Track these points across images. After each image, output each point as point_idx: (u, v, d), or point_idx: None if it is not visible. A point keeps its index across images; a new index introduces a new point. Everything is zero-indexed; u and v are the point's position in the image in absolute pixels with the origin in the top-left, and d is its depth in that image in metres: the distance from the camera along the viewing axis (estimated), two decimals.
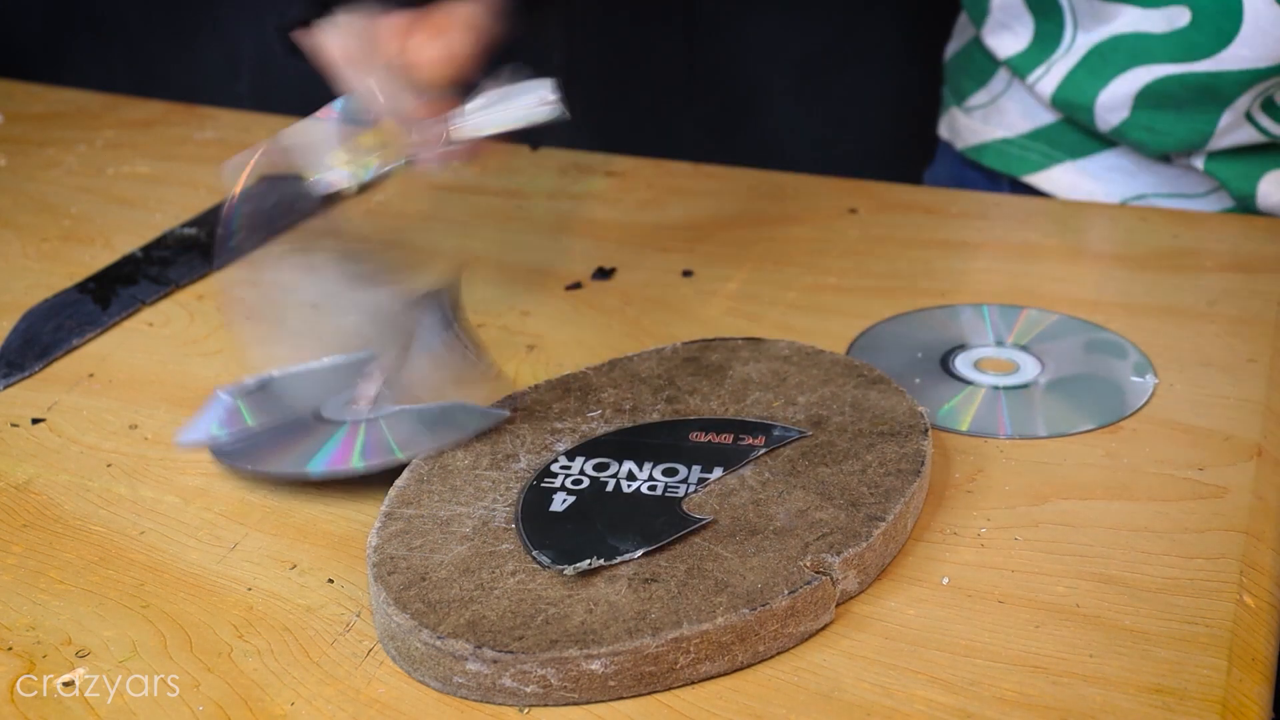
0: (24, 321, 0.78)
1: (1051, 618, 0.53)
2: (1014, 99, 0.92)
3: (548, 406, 0.64)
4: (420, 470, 0.60)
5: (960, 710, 0.49)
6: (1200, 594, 0.53)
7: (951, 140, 0.99)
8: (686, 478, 0.58)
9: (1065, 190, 0.91)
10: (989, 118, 0.94)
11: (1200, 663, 0.50)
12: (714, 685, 0.51)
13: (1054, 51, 0.87)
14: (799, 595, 0.51)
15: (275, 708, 0.50)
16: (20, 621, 0.55)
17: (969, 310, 0.75)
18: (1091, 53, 0.85)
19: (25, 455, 0.67)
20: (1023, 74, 0.89)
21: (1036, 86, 0.89)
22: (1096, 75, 0.85)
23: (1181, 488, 0.60)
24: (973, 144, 0.96)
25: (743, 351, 0.67)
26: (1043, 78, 0.88)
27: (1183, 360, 0.69)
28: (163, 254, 0.86)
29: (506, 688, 0.50)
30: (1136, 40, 0.83)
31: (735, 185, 0.94)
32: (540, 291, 0.80)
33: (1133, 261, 0.81)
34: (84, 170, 1.01)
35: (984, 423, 0.65)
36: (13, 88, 1.19)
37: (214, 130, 1.08)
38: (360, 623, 0.55)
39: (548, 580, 0.53)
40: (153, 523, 0.61)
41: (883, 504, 0.56)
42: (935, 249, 0.83)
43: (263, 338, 0.71)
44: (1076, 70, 0.86)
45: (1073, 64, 0.87)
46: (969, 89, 0.96)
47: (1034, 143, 0.92)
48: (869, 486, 0.57)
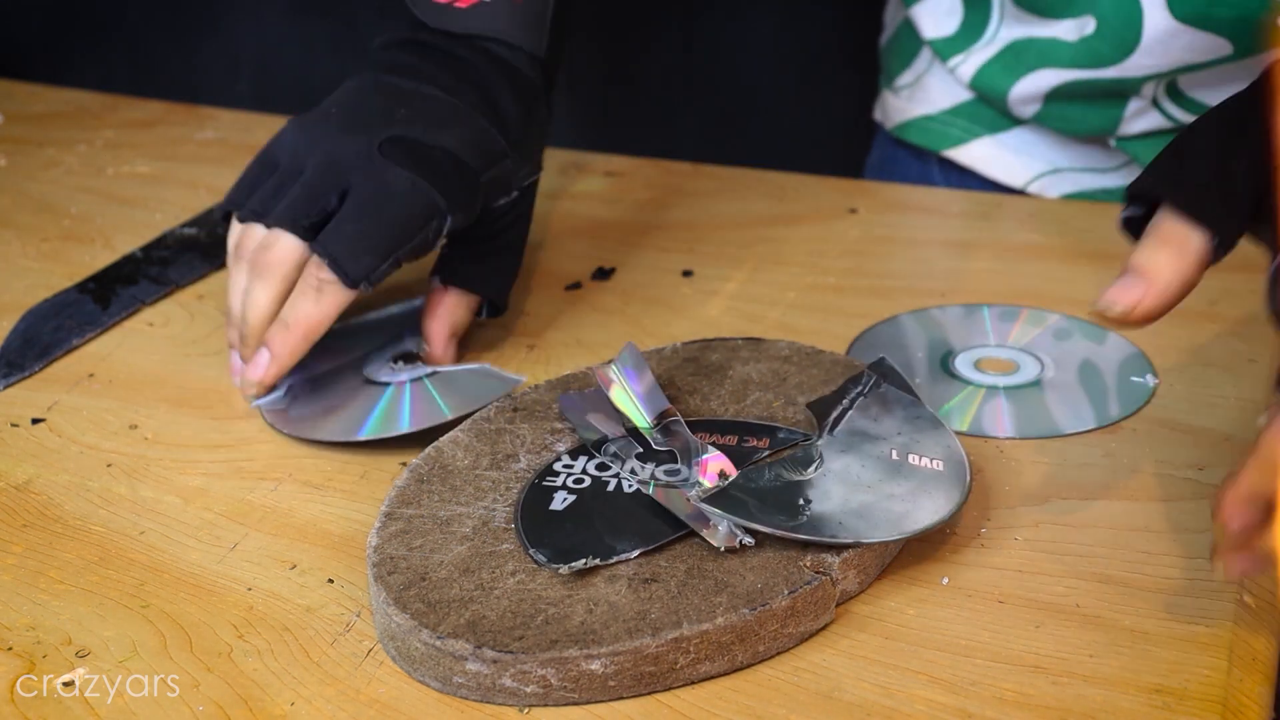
0: (24, 321, 0.78)
1: (1051, 618, 0.53)
2: (936, 77, 0.95)
3: (548, 406, 0.64)
4: (420, 470, 0.60)
5: (960, 710, 0.49)
6: (1200, 594, 0.53)
7: (883, 121, 1.02)
8: (688, 478, 0.58)
9: (984, 164, 0.93)
10: (914, 96, 0.97)
11: (1200, 663, 0.50)
12: (714, 685, 0.51)
13: (976, 41, 0.90)
14: (799, 595, 0.51)
15: (275, 708, 0.50)
16: (20, 621, 0.55)
17: (969, 310, 0.75)
18: (1007, 49, 0.88)
19: (25, 455, 0.67)
20: (944, 57, 0.92)
21: (956, 71, 0.92)
22: (1010, 71, 0.88)
23: (1181, 488, 0.60)
24: (898, 122, 0.98)
25: (743, 351, 0.67)
26: (961, 64, 0.91)
27: (1183, 360, 0.69)
28: (163, 254, 0.86)
29: (506, 688, 0.50)
30: (1048, 44, 0.86)
31: (735, 185, 0.94)
32: (540, 291, 0.80)
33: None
34: (84, 170, 1.01)
35: (984, 423, 0.65)
36: (13, 88, 1.19)
37: (214, 130, 1.08)
38: (360, 623, 0.55)
39: (548, 580, 0.53)
40: (153, 523, 0.61)
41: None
42: (935, 249, 0.83)
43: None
44: (993, 63, 0.89)
45: (989, 56, 0.89)
46: (897, 70, 0.99)
47: (954, 119, 0.94)
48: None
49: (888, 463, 0.57)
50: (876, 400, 0.61)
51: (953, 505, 0.55)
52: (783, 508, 0.54)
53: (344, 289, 0.66)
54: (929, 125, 0.96)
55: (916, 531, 0.54)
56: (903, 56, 0.98)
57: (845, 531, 0.53)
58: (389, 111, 0.70)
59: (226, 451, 0.66)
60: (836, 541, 0.53)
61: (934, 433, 0.59)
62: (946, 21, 0.92)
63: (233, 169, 0.99)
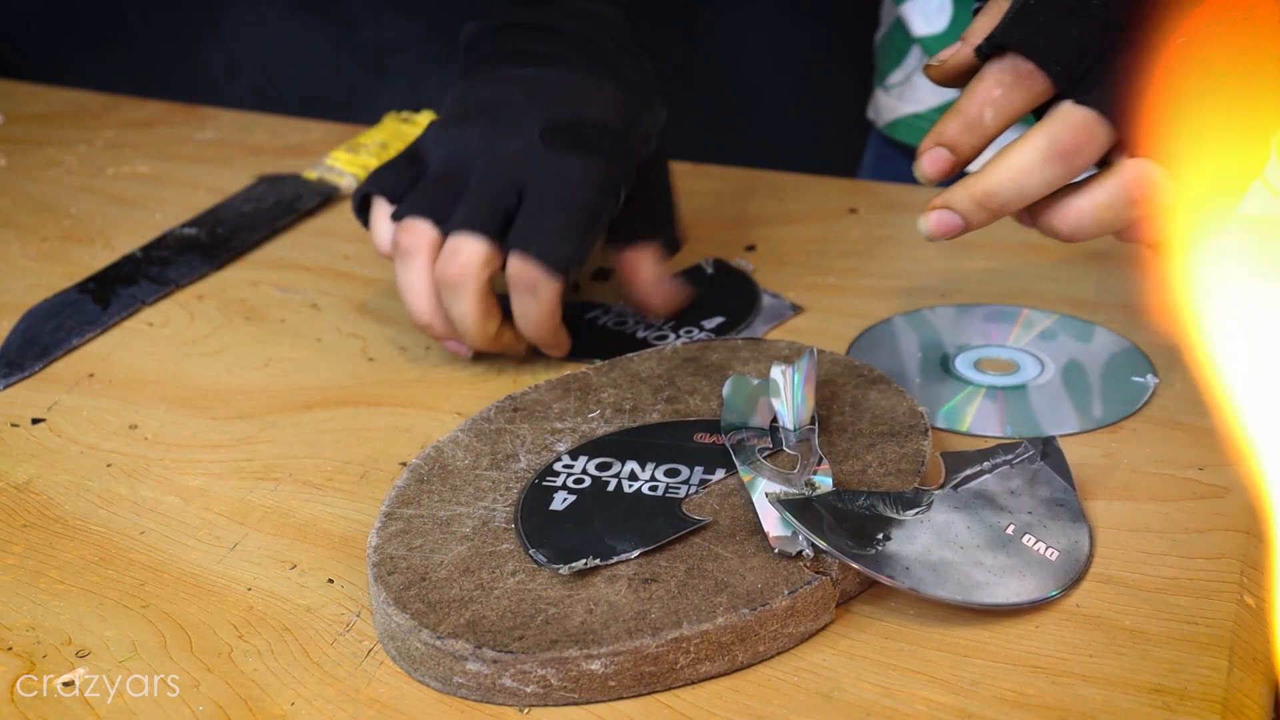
0: (24, 321, 0.78)
1: (1051, 618, 0.53)
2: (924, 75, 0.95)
3: (548, 406, 0.64)
4: (420, 470, 0.60)
5: (960, 710, 0.49)
6: (1200, 594, 0.53)
7: (875, 120, 1.02)
8: (688, 478, 0.58)
9: (976, 162, 0.93)
10: (904, 94, 0.97)
11: (1200, 663, 0.50)
12: (714, 685, 0.51)
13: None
14: (799, 595, 0.51)
15: (275, 708, 0.50)
16: (20, 621, 0.55)
17: (968, 310, 0.75)
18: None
19: (25, 455, 0.67)
20: (932, 54, 0.92)
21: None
22: None
23: (1181, 488, 0.60)
24: (889, 120, 0.99)
25: (743, 351, 0.67)
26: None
27: (1183, 360, 0.69)
28: (163, 254, 0.86)
29: (506, 688, 0.50)
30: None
31: (735, 185, 0.94)
32: None
33: (1133, 261, 0.81)
34: (84, 170, 1.01)
35: (984, 423, 0.65)
36: (13, 88, 1.19)
37: (214, 130, 1.08)
38: (360, 623, 0.55)
39: (548, 580, 0.53)
40: (153, 523, 0.61)
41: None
42: (935, 249, 0.83)
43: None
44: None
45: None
46: (888, 68, 0.99)
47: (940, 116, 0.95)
48: (869, 487, 0.57)
49: (998, 534, 0.54)
50: (1023, 474, 0.57)
51: (1041, 593, 0.53)
52: (856, 534, 0.53)
53: (554, 281, 0.67)
54: (917, 124, 0.96)
55: (984, 605, 0.52)
56: (893, 55, 0.98)
57: (907, 577, 0.52)
58: (530, 101, 0.71)
59: (226, 451, 0.66)
60: (890, 582, 0.52)
61: (1069, 525, 0.55)
62: (937, 19, 0.92)
63: (233, 169, 0.99)
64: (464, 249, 0.67)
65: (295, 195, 0.93)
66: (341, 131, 1.05)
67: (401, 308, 0.70)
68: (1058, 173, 0.60)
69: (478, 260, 0.67)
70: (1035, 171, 0.60)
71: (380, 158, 0.96)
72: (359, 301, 0.80)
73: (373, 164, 0.96)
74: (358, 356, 0.74)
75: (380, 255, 0.71)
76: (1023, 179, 0.60)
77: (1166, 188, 0.58)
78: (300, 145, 1.04)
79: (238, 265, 0.86)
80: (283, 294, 0.81)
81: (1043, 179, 0.60)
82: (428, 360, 0.73)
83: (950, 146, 0.62)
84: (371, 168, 0.95)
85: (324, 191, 0.93)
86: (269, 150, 1.03)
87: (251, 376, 0.73)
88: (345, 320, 0.78)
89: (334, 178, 0.94)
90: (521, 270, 0.67)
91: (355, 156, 0.96)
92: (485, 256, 0.67)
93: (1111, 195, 0.60)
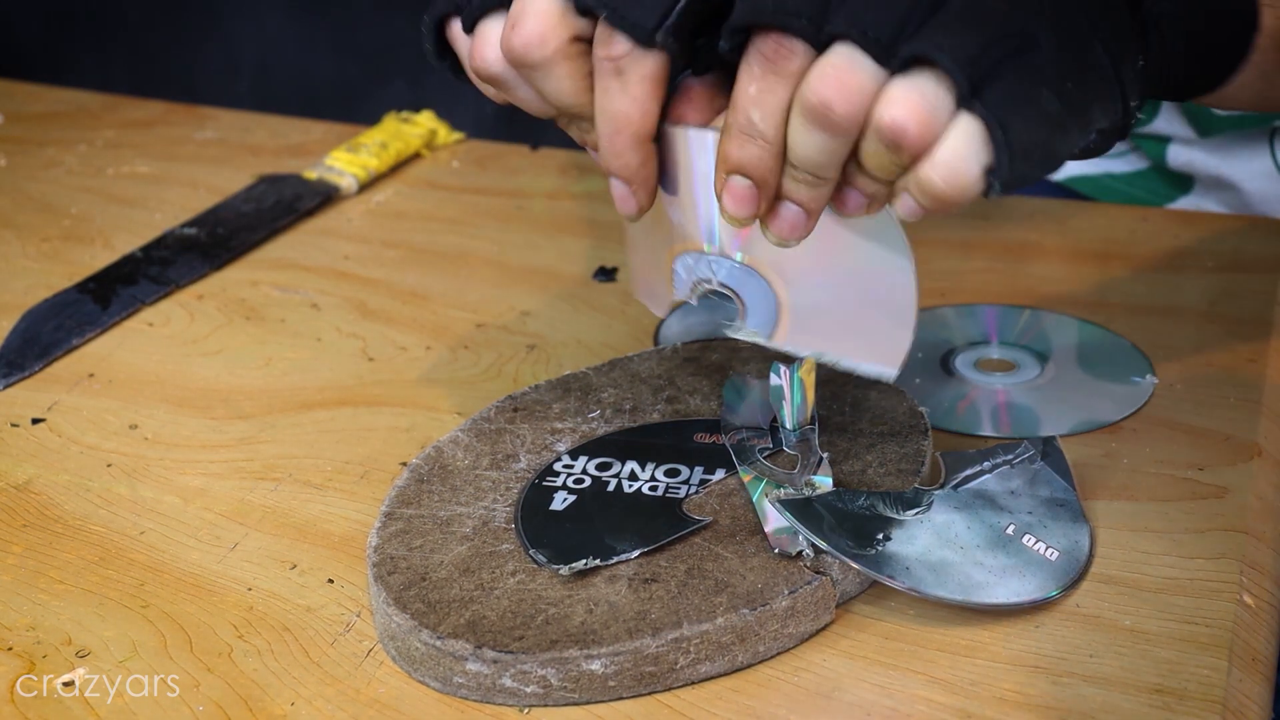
0: (24, 321, 0.78)
1: (1051, 618, 0.53)
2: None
3: (548, 406, 0.64)
4: (420, 470, 0.60)
5: (960, 710, 0.49)
6: (1200, 594, 0.53)
7: None
8: (688, 479, 0.58)
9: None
10: None
11: (1200, 663, 0.50)
12: (714, 685, 0.51)
13: None
14: (799, 595, 0.51)
15: (275, 708, 0.50)
16: (20, 621, 0.55)
17: (969, 310, 0.75)
18: None
19: (25, 455, 0.67)
20: None
21: None
22: None
23: (1181, 488, 0.60)
24: None
25: (743, 351, 0.67)
26: None
27: (1183, 360, 0.69)
28: (163, 254, 0.86)
29: (506, 688, 0.50)
30: None
31: None
32: (540, 292, 0.80)
33: (1133, 261, 0.81)
34: (84, 170, 1.01)
35: (984, 423, 0.65)
36: (13, 88, 1.19)
37: (214, 130, 1.08)
38: (360, 623, 0.55)
39: (548, 580, 0.53)
40: (153, 523, 0.61)
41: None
42: (935, 249, 0.83)
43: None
44: None
45: None
46: None
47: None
48: (869, 487, 0.57)
49: (998, 534, 0.54)
50: (1023, 474, 0.57)
51: (1041, 593, 0.52)
52: (856, 534, 0.53)
53: (644, 54, 0.49)
54: None
55: (984, 605, 0.52)
56: None
57: (907, 577, 0.52)
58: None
59: (226, 451, 0.66)
60: (891, 583, 0.52)
61: (1069, 525, 0.55)
62: None
63: (233, 169, 0.99)
64: (529, 8, 0.50)
65: (295, 195, 0.93)
66: (341, 131, 1.05)
67: (402, 308, 0.70)
68: (824, 138, 0.47)
69: (553, 15, 0.49)
70: (803, 143, 0.47)
71: (380, 158, 0.97)
72: (359, 301, 0.80)
73: (373, 164, 0.96)
74: (358, 356, 0.74)
75: (519, 68, 0.51)
76: (798, 158, 0.48)
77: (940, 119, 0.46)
78: (300, 145, 1.04)
79: (238, 265, 0.86)
80: (283, 294, 0.82)
81: (815, 148, 0.47)
82: (428, 360, 0.73)
83: (737, 169, 0.49)
84: (371, 168, 0.95)
85: (324, 191, 0.93)
86: (269, 150, 1.03)
87: (251, 376, 0.73)
88: (345, 320, 0.78)
89: (334, 178, 0.94)
90: (601, 49, 0.49)
91: (355, 156, 0.96)
92: (559, 10, 0.49)
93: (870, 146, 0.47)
